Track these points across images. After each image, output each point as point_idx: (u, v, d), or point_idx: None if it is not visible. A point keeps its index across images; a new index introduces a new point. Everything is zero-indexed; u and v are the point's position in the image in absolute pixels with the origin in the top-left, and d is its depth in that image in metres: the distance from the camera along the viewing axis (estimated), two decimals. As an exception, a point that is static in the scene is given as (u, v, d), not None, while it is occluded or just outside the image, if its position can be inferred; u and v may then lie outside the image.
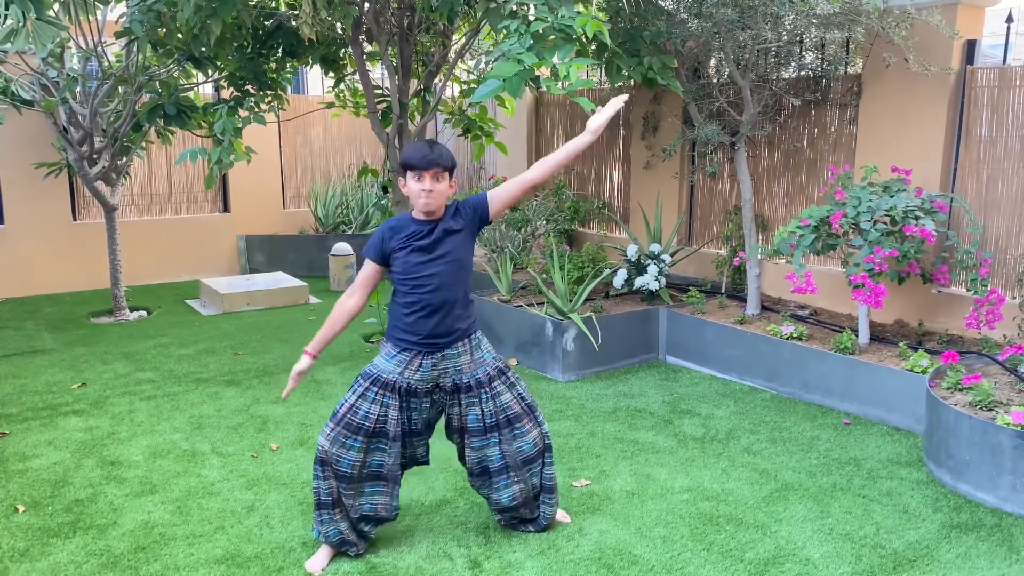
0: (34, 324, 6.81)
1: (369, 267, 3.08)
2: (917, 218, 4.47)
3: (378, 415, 3.03)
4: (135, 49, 5.74)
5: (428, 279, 3.00)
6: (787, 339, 5.03)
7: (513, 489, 3.21)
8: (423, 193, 2.94)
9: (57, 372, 5.53)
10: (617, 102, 3.11)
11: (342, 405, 3.06)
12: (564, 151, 3.14)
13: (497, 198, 3.12)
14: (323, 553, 3.17)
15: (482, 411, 3.13)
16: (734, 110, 5.65)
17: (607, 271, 6.03)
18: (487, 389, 3.13)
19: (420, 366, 3.04)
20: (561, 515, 3.47)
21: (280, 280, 7.87)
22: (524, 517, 3.33)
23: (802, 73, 5.78)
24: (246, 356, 5.91)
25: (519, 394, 3.22)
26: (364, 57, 5.82)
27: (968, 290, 4.79)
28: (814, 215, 4.76)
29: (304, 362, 3.13)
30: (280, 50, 5.92)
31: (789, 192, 6.10)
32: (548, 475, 3.29)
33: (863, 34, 5.02)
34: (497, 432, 3.15)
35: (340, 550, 3.18)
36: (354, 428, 3.03)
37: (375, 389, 3.04)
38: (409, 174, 2.97)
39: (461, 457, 3.28)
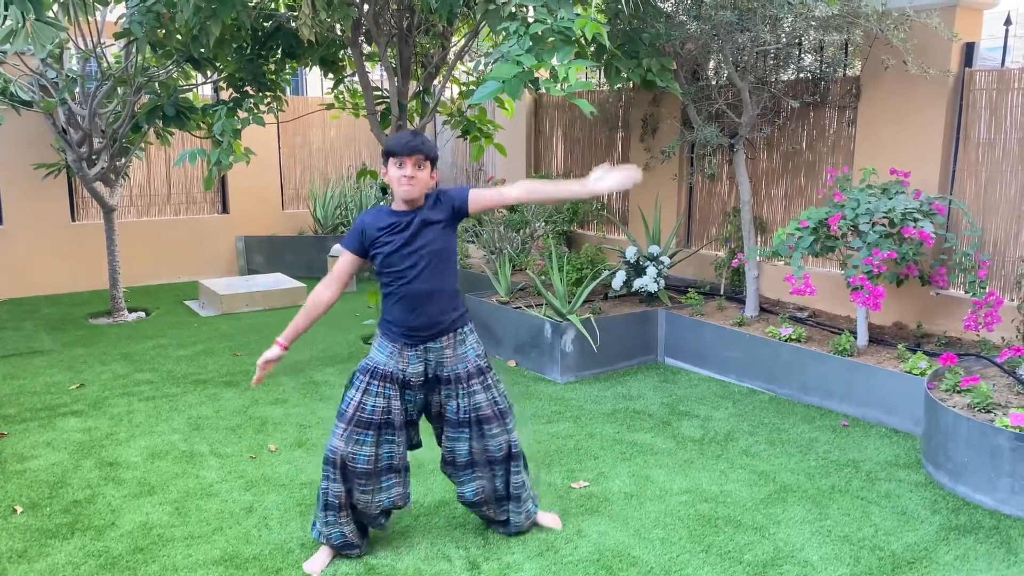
0: (33, 325, 6.81)
1: (346, 257, 3.08)
2: (916, 220, 4.47)
3: (383, 407, 3.06)
4: (134, 50, 5.75)
5: (407, 271, 3.01)
6: (786, 341, 5.03)
7: (475, 485, 3.23)
8: (404, 179, 2.95)
9: (55, 373, 5.52)
10: (632, 175, 3.07)
11: (348, 404, 3.07)
12: (553, 191, 3.19)
13: (479, 198, 3.09)
14: (322, 554, 3.16)
15: (457, 406, 3.15)
16: (733, 112, 5.66)
17: (606, 273, 6.03)
18: (464, 385, 3.14)
19: (408, 360, 3.07)
20: (553, 521, 3.45)
21: (279, 281, 7.87)
22: (490, 517, 3.33)
23: (801, 75, 5.79)
24: (245, 357, 5.91)
25: (493, 398, 3.20)
26: (363, 58, 5.82)
27: (966, 292, 4.79)
28: (813, 217, 4.76)
29: (274, 351, 3.08)
30: (279, 51, 5.92)
31: (788, 194, 6.11)
32: (515, 484, 3.27)
33: (862, 36, 5.03)
34: (468, 428, 3.17)
35: (342, 552, 3.18)
36: (365, 424, 3.04)
37: (376, 382, 3.06)
38: (391, 161, 2.98)
39: (439, 440, 3.29)
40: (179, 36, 5.33)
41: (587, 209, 7.66)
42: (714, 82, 5.91)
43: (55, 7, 5.19)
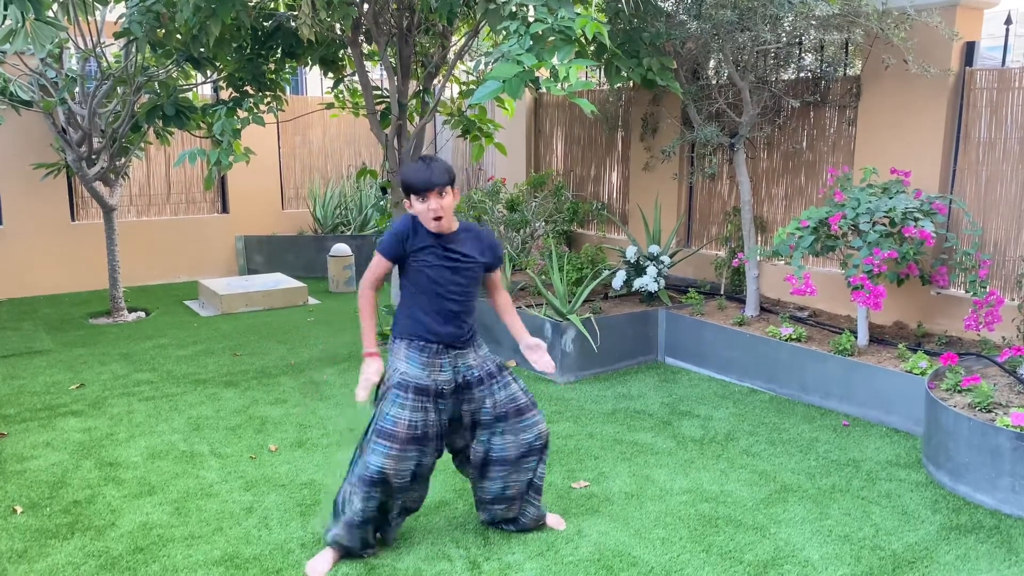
0: (32, 325, 6.81)
1: (383, 262, 3.11)
2: (916, 220, 4.47)
3: (422, 420, 3.06)
4: (134, 50, 5.74)
5: (447, 291, 3.07)
6: (786, 340, 5.03)
7: (506, 481, 3.23)
8: (431, 212, 2.99)
9: (55, 373, 5.52)
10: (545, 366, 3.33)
11: (395, 423, 3.01)
12: (512, 321, 3.37)
13: (491, 279, 3.30)
14: (327, 556, 3.15)
15: (494, 401, 3.17)
16: (733, 111, 5.65)
17: (606, 272, 6.03)
18: (498, 379, 3.20)
19: (442, 366, 3.09)
20: (556, 521, 3.45)
21: (279, 281, 7.86)
22: (507, 516, 3.33)
23: (801, 75, 5.78)
24: (244, 357, 5.91)
25: (523, 387, 3.28)
26: (363, 58, 5.82)
27: (967, 292, 4.79)
28: (813, 216, 4.76)
29: (375, 365, 3.10)
30: (279, 51, 5.92)
31: (788, 194, 6.10)
32: (540, 473, 3.32)
33: (862, 36, 5.02)
34: (505, 422, 3.18)
35: (358, 553, 3.17)
36: (414, 440, 3.04)
37: (419, 398, 3.05)
38: (413, 196, 3.02)
39: (464, 460, 3.30)
40: (179, 36, 5.33)
41: (587, 209, 7.66)
42: (714, 81, 5.91)
43: (55, 7, 5.18)
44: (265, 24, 5.77)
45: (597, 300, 5.96)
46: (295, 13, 5.47)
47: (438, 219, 3.00)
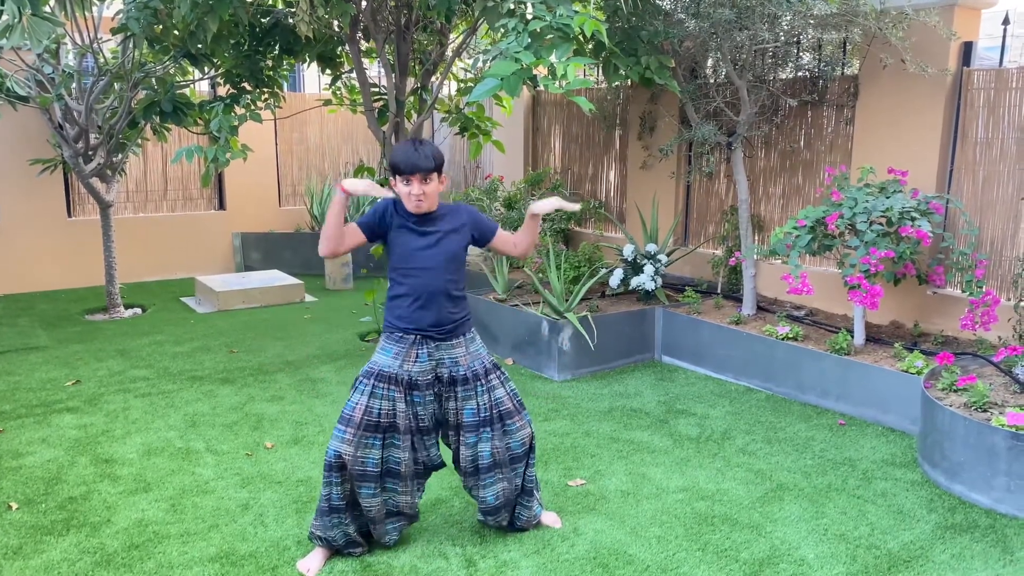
0: (28, 321, 6.79)
1: (353, 230, 3.06)
2: (913, 219, 4.48)
3: (388, 410, 3.04)
4: (131, 45, 5.73)
5: (423, 268, 3.03)
6: (783, 339, 5.03)
7: (497, 487, 3.21)
8: (413, 198, 2.98)
9: (51, 369, 5.51)
10: (565, 204, 3.22)
11: (353, 408, 3.03)
12: (534, 236, 3.28)
13: (500, 240, 3.23)
14: (318, 555, 3.14)
15: (478, 405, 3.14)
16: (731, 110, 5.66)
17: (603, 271, 6.03)
18: (483, 382, 3.15)
19: (417, 356, 3.06)
20: (553, 519, 3.45)
21: (275, 278, 7.85)
22: (502, 524, 3.33)
23: (799, 74, 5.78)
24: (241, 354, 5.90)
25: (512, 391, 3.24)
26: (361, 55, 5.81)
27: (963, 291, 4.79)
28: (810, 216, 4.76)
29: (356, 186, 2.96)
30: (277, 47, 5.91)
31: (785, 193, 6.11)
32: (530, 476, 3.30)
33: (860, 35, 5.03)
34: (490, 427, 3.16)
35: (345, 551, 3.17)
36: (372, 427, 3.03)
37: (381, 385, 3.04)
38: (398, 177, 3.00)
39: (456, 459, 3.27)
40: (176, 32, 5.32)
41: (585, 207, 7.65)
42: (712, 80, 5.90)
43: (51, 2, 5.17)
44: (263, 21, 5.76)
45: (594, 298, 5.96)
46: (293, 10, 5.45)
47: (419, 203, 2.99)
